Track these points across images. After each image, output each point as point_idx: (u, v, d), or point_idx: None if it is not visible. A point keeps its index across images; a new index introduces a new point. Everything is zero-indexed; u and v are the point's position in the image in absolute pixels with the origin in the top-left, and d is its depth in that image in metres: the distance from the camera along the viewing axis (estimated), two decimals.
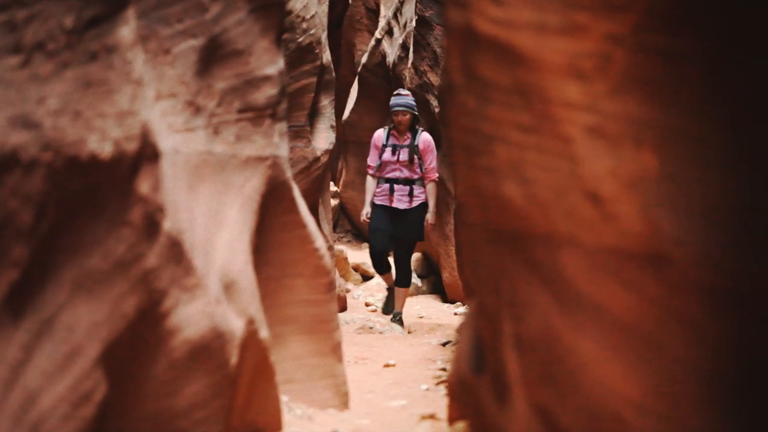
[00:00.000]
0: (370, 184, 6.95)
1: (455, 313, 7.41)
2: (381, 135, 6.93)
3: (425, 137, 6.84)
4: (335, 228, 10.75)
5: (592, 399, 1.40)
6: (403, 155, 6.80)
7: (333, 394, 3.37)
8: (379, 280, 7.90)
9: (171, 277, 1.99)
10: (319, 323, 3.30)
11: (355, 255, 9.62)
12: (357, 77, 10.90)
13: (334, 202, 10.80)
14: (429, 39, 8.04)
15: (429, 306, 7.95)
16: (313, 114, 6.09)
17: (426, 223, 6.77)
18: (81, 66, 1.62)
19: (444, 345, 5.80)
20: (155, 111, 2.05)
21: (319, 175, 6.05)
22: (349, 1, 12.22)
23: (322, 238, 3.31)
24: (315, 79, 5.77)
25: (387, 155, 6.83)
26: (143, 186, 1.83)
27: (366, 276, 8.90)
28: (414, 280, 8.44)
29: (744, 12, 1.28)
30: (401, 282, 6.89)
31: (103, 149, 1.65)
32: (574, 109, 1.38)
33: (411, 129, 6.87)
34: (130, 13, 1.82)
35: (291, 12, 5.29)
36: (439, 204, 7.57)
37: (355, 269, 9.05)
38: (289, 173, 3.03)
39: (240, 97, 2.69)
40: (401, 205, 6.80)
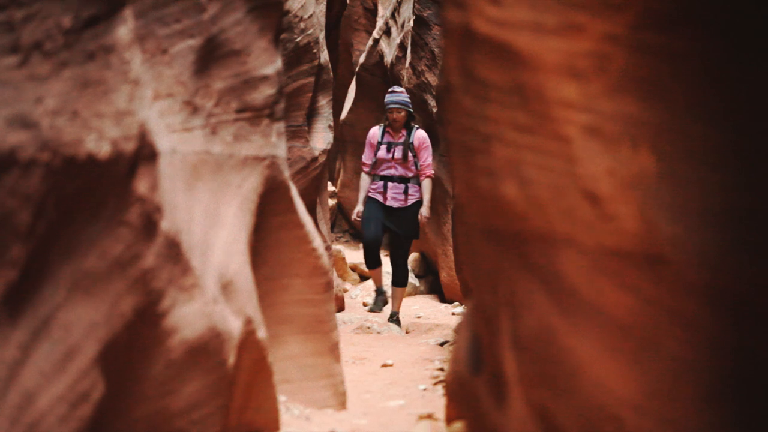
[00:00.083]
0: (364, 181, 6.89)
1: (453, 313, 7.41)
2: (376, 132, 6.88)
3: (420, 134, 6.78)
4: (333, 228, 10.75)
5: (589, 399, 1.40)
6: (398, 153, 6.74)
7: (331, 394, 3.37)
8: None
9: (168, 277, 1.99)
10: (317, 323, 3.30)
11: (353, 255, 9.62)
12: (355, 77, 10.90)
13: (331, 202, 10.81)
14: (427, 39, 8.04)
15: (427, 306, 7.95)
16: (311, 114, 6.09)
17: (420, 217, 6.71)
18: (79, 66, 1.62)
19: (442, 345, 5.80)
20: (153, 111, 2.05)
21: (317, 175, 6.05)
22: (347, 1, 12.21)
23: (319, 237, 3.31)
24: (313, 79, 5.77)
25: (382, 153, 6.78)
26: (141, 186, 1.82)
27: (364, 276, 8.90)
28: (412, 279, 8.44)
29: (742, 11, 1.28)
30: (398, 281, 6.87)
31: (101, 149, 1.65)
32: (571, 109, 1.38)
33: (406, 126, 6.82)
34: (127, 13, 1.81)
35: (289, 12, 5.29)
36: (437, 204, 7.56)
37: (353, 269, 9.05)
38: (287, 173, 3.03)
39: (238, 97, 2.69)
40: (396, 204, 6.77)
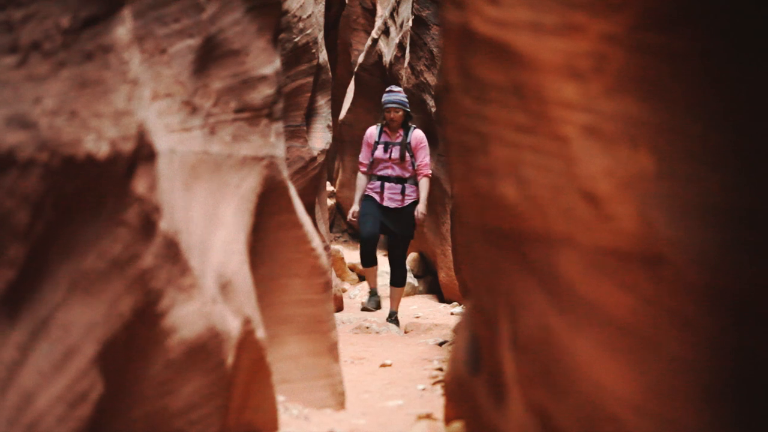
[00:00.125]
0: (360, 181, 6.86)
1: (452, 313, 7.41)
2: (373, 132, 6.85)
3: (417, 134, 6.75)
4: (332, 228, 10.75)
5: (588, 399, 1.40)
6: (395, 153, 6.71)
7: (329, 394, 3.37)
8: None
9: (167, 277, 1.99)
10: (316, 323, 3.30)
11: (352, 255, 9.61)
12: (354, 77, 10.91)
13: (330, 201, 10.80)
14: (426, 39, 8.04)
15: (425, 306, 7.95)
16: (310, 114, 6.08)
17: (416, 214, 6.67)
18: (77, 66, 1.62)
19: (440, 345, 5.80)
20: (151, 111, 2.05)
21: (316, 175, 6.05)
22: (346, 1, 12.21)
23: (318, 237, 3.31)
24: (311, 79, 5.76)
25: (379, 152, 6.75)
26: (139, 186, 1.82)
27: (362, 276, 8.89)
28: (410, 279, 8.43)
29: (742, 11, 1.28)
30: (396, 281, 6.86)
31: (100, 149, 1.65)
32: (570, 109, 1.38)
33: (404, 126, 6.79)
34: (126, 13, 1.81)
35: (287, 12, 5.29)
36: (436, 204, 7.55)
37: (352, 269, 9.04)
38: (286, 173, 3.02)
39: (236, 97, 2.69)
40: (392, 204, 6.74)
